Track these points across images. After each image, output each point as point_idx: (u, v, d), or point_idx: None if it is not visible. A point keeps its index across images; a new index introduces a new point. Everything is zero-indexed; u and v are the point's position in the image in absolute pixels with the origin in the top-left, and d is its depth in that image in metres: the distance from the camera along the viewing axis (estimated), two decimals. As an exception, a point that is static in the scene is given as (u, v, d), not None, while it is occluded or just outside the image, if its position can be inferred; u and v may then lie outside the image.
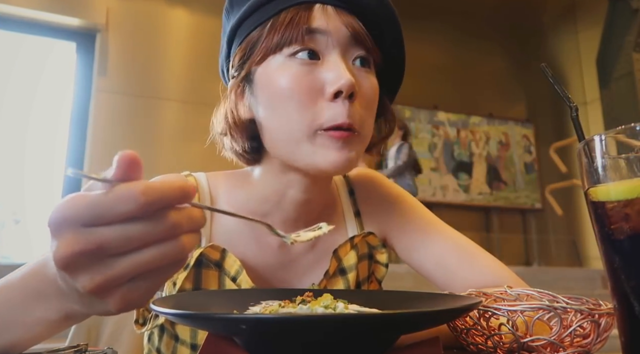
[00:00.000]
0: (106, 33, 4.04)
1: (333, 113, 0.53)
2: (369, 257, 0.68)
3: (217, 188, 0.66)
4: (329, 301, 0.43)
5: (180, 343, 0.61)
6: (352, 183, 0.73)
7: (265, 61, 0.56)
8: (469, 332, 0.49)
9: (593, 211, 0.37)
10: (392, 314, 0.37)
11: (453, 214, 6.01)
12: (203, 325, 0.43)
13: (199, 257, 0.59)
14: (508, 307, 0.45)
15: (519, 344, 0.45)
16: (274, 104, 0.55)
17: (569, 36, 6.78)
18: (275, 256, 0.64)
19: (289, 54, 0.54)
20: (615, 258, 0.35)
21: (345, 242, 0.64)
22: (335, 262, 0.63)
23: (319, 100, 0.53)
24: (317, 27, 0.54)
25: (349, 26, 0.55)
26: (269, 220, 0.62)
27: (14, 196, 3.93)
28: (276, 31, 0.54)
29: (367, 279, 0.68)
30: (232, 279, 0.59)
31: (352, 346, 0.40)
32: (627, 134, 0.34)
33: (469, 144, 6.31)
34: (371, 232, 0.67)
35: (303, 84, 0.53)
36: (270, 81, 0.55)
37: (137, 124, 3.97)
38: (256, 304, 0.51)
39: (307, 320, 0.36)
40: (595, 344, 0.46)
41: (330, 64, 0.54)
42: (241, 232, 0.63)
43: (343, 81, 0.52)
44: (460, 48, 6.31)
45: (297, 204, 0.62)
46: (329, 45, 0.54)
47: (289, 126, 0.54)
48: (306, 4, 0.55)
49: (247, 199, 0.64)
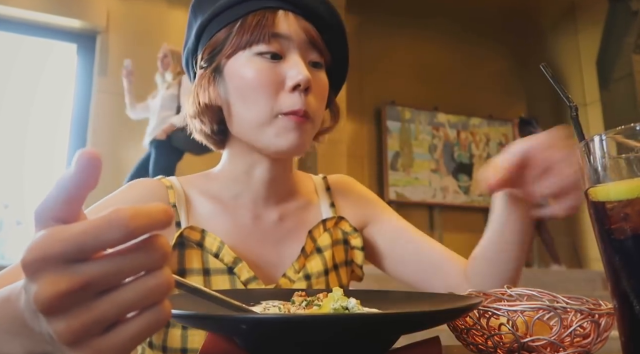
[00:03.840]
0: (106, 34, 4.05)
1: (292, 102, 0.63)
2: (344, 243, 0.74)
3: (189, 187, 0.72)
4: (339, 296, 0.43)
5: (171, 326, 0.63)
6: (329, 182, 0.81)
7: (235, 56, 0.65)
8: (469, 332, 0.49)
9: (593, 211, 0.37)
10: (392, 314, 0.37)
11: (453, 215, 6.01)
12: (203, 325, 0.44)
13: (179, 239, 0.64)
14: (508, 307, 0.46)
15: (519, 344, 0.45)
16: (241, 93, 0.65)
17: (569, 38, 6.78)
18: (250, 232, 0.70)
19: (256, 52, 0.64)
20: (616, 258, 0.35)
21: (318, 224, 0.72)
22: (310, 242, 0.71)
23: (280, 91, 0.64)
24: (280, 32, 0.64)
25: (307, 32, 0.66)
26: (240, 201, 0.71)
27: (15, 197, 3.93)
28: (245, 31, 0.64)
29: (344, 263, 0.74)
30: (214, 255, 0.65)
31: (352, 346, 0.40)
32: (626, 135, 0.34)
33: (469, 145, 6.31)
34: (343, 217, 0.74)
35: (267, 78, 0.63)
36: (239, 73, 0.65)
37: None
38: (256, 304, 0.51)
39: (306, 320, 0.36)
40: (595, 344, 0.46)
41: (291, 63, 0.64)
42: (217, 214, 0.70)
43: (301, 77, 0.62)
44: (461, 49, 6.32)
45: (265, 182, 0.70)
46: (290, 47, 0.65)
47: (254, 111, 0.64)
48: (271, 9, 0.64)
49: (218, 188, 0.72)
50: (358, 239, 0.74)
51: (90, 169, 0.28)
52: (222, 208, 0.71)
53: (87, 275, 0.27)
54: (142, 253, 0.28)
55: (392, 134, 6.02)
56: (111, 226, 0.27)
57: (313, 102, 0.66)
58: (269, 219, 0.72)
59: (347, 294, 0.45)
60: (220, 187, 0.72)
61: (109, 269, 0.28)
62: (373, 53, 5.96)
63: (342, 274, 0.73)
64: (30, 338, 0.32)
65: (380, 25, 6.04)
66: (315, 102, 0.66)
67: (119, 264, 0.28)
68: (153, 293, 0.28)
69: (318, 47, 0.67)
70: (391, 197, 5.90)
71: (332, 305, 0.43)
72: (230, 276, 0.65)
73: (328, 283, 0.69)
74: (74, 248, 0.27)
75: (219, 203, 0.71)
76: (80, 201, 0.29)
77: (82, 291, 0.27)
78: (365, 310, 0.44)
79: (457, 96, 6.25)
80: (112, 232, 0.27)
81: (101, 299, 0.28)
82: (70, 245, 0.27)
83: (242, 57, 0.65)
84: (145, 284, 0.28)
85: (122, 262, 0.28)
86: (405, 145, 6.11)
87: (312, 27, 0.66)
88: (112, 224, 0.27)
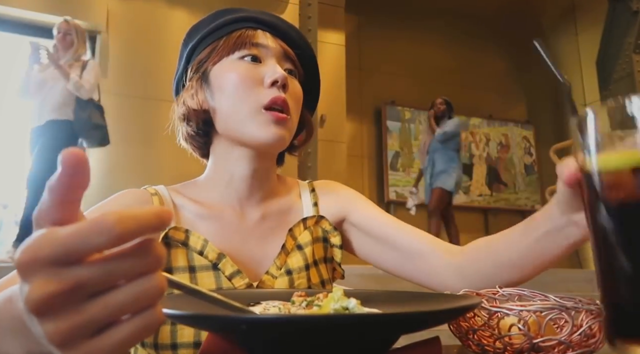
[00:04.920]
0: (106, 35, 4.06)
1: (272, 93, 0.71)
2: (324, 240, 0.78)
3: (175, 195, 0.77)
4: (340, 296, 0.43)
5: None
6: (314, 186, 0.86)
7: (220, 62, 0.74)
8: (475, 333, 0.49)
9: (585, 181, 0.39)
10: (392, 314, 0.37)
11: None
12: (203, 325, 0.43)
13: (165, 239, 0.67)
14: (520, 307, 0.45)
15: (531, 345, 0.45)
16: (226, 91, 0.72)
17: (569, 38, 6.79)
18: (235, 230, 0.74)
19: (239, 57, 0.73)
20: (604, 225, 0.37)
21: (299, 222, 0.76)
22: (291, 239, 0.74)
23: (260, 88, 0.71)
24: (260, 42, 0.74)
25: (282, 46, 0.76)
26: (225, 202, 0.76)
27: (15, 198, 3.93)
28: (229, 42, 0.74)
29: (324, 259, 0.77)
30: (199, 253, 0.68)
31: (352, 346, 0.40)
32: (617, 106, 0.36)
33: (469, 145, 6.32)
34: (323, 216, 0.78)
35: (249, 76, 0.71)
36: (224, 74, 0.73)
37: (137, 125, 3.97)
38: (256, 304, 0.51)
39: (306, 321, 0.36)
40: (601, 343, 0.46)
41: (269, 65, 0.73)
42: (203, 217, 0.74)
43: (278, 74, 0.70)
44: (461, 50, 6.32)
45: (246, 178, 0.75)
46: (268, 55, 0.74)
47: (238, 106, 0.71)
48: (252, 29, 0.75)
49: (204, 192, 0.77)
50: (337, 237, 0.78)
51: (77, 169, 0.28)
52: (208, 211, 0.75)
53: (77, 278, 0.27)
54: (134, 257, 0.28)
55: (392, 134, 6.03)
56: (96, 230, 0.27)
57: (290, 101, 0.73)
58: (252, 217, 0.76)
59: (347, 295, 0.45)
60: (207, 192, 0.77)
61: (100, 273, 0.28)
62: (373, 53, 5.96)
63: (322, 270, 0.75)
64: (29, 338, 0.32)
65: (381, 25, 6.04)
66: (292, 102, 0.73)
67: (111, 267, 0.28)
68: (145, 297, 0.29)
69: (291, 58, 0.77)
70: (391, 197, 5.91)
71: (333, 305, 0.43)
72: (214, 272, 0.67)
73: (309, 277, 0.72)
74: (62, 251, 0.27)
75: (204, 207, 0.75)
76: (75, 201, 0.30)
77: (73, 293, 0.28)
78: (365, 310, 0.44)
79: (457, 96, 6.25)
80: (98, 237, 0.27)
81: (92, 302, 0.28)
82: (58, 248, 0.27)
83: (227, 62, 0.73)
84: (137, 288, 0.28)
85: (113, 266, 0.28)
86: (405, 145, 6.11)
87: (286, 44, 0.77)
88: (98, 229, 0.27)
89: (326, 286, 0.75)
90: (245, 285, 0.67)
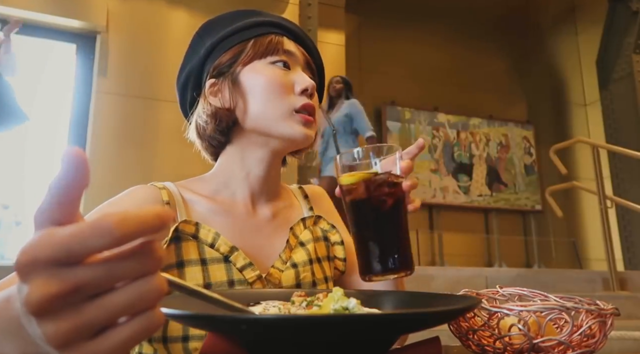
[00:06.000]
0: (106, 35, 4.05)
1: (303, 100, 0.76)
2: (325, 239, 0.83)
3: (184, 190, 0.78)
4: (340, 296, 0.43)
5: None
6: (306, 192, 0.91)
7: (251, 64, 0.77)
8: (475, 333, 0.49)
9: (340, 190, 0.65)
10: (392, 314, 0.37)
11: (453, 215, 6.01)
12: (203, 325, 0.43)
13: (175, 233, 0.69)
14: (520, 307, 0.45)
15: (531, 345, 0.45)
16: (258, 93, 0.76)
17: (569, 38, 6.79)
18: (245, 225, 0.78)
19: (270, 62, 0.77)
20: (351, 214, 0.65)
21: (299, 222, 0.81)
22: (293, 237, 0.79)
23: (291, 94, 0.76)
24: (290, 50, 0.79)
25: (304, 54, 0.82)
26: (237, 198, 0.79)
27: (15, 198, 3.93)
28: (260, 45, 0.77)
29: (327, 258, 0.82)
30: (210, 245, 0.70)
31: (352, 346, 0.40)
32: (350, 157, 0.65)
33: (469, 145, 6.32)
34: (320, 216, 0.84)
35: (282, 80, 0.76)
36: (257, 77, 0.76)
37: (137, 125, 3.97)
38: (256, 304, 0.51)
39: (306, 321, 0.36)
40: (601, 343, 0.46)
41: (298, 73, 0.78)
42: (214, 212, 0.76)
43: (308, 83, 0.76)
44: (461, 50, 6.32)
45: (260, 178, 0.80)
46: (296, 63, 0.79)
47: (271, 108, 0.75)
48: (278, 35, 0.79)
49: (215, 188, 0.80)
50: (337, 235, 0.83)
51: (77, 168, 0.28)
52: (219, 206, 0.77)
53: (77, 279, 0.27)
54: (134, 258, 0.28)
55: (392, 134, 6.02)
56: (96, 232, 0.27)
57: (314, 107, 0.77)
58: (262, 214, 0.80)
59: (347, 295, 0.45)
60: (217, 188, 0.80)
61: (100, 274, 0.28)
62: (373, 53, 5.96)
63: (325, 267, 0.80)
64: (25, 339, 0.32)
65: (381, 25, 6.04)
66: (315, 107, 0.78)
67: (111, 269, 0.28)
68: (144, 298, 0.29)
69: (311, 67, 0.82)
70: (391, 198, 5.90)
71: (333, 306, 0.43)
72: (226, 264, 0.70)
73: (313, 272, 0.76)
74: (62, 253, 0.27)
75: (215, 202, 0.77)
76: (74, 201, 0.30)
77: (73, 295, 0.27)
78: (365, 310, 0.44)
79: (457, 96, 6.25)
80: (97, 239, 0.27)
81: (92, 303, 0.28)
82: (58, 249, 0.27)
83: (259, 65, 0.77)
84: (136, 289, 0.28)
85: (113, 267, 0.28)
86: (405, 145, 6.11)
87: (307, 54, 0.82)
88: (98, 231, 0.27)
89: (329, 283, 0.78)
90: (255, 277, 0.69)
